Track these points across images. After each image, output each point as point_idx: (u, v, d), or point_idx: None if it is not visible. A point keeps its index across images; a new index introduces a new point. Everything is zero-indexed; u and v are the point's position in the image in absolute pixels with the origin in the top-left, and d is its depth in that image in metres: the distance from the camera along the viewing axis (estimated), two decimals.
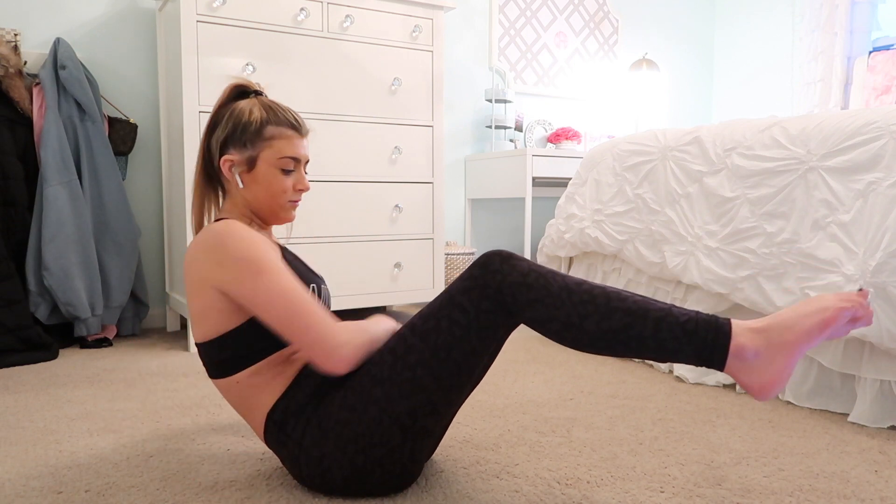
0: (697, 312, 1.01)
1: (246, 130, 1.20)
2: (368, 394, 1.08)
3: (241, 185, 1.21)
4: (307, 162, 1.27)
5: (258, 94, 1.26)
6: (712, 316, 1.01)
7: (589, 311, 1.01)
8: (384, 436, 1.08)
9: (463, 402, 1.24)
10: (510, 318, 1.08)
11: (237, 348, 1.14)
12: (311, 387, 1.13)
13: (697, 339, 0.98)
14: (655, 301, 1.03)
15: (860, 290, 1.03)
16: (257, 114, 1.20)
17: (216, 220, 1.20)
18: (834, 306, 0.98)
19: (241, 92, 1.26)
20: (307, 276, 1.23)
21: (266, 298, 1.06)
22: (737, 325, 1.00)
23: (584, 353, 2.31)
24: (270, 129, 1.20)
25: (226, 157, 1.21)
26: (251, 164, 1.20)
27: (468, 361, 1.08)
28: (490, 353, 1.13)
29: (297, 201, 1.25)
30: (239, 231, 1.11)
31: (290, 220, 1.26)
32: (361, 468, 1.09)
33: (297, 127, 1.22)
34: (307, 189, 1.25)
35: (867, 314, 1.00)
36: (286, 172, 1.21)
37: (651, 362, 2.13)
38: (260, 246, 1.10)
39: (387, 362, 1.09)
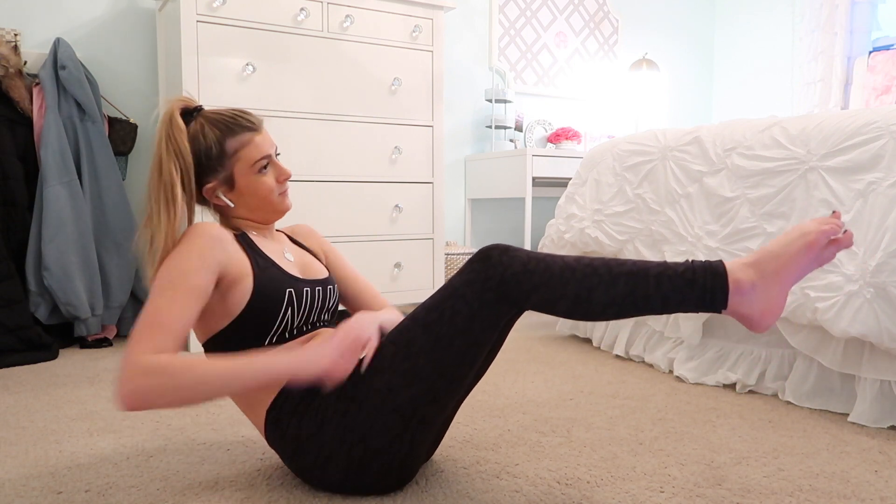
0: (692, 261, 1.06)
1: (209, 156, 1.19)
2: (369, 383, 1.09)
3: (231, 206, 1.23)
4: (276, 149, 1.27)
5: (199, 109, 1.25)
6: (706, 261, 1.06)
7: (594, 283, 1.05)
8: (384, 424, 1.08)
9: (464, 394, 1.24)
10: (513, 308, 1.09)
11: (225, 350, 1.16)
12: (306, 382, 1.13)
13: (698, 285, 1.03)
14: (651, 261, 1.08)
15: (833, 212, 1.10)
16: (211, 135, 1.19)
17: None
18: (815, 229, 1.06)
19: (184, 112, 1.23)
20: (284, 282, 1.19)
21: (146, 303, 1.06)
22: (730, 263, 1.06)
23: (585, 353, 2.31)
24: (231, 143, 1.19)
25: (206, 186, 1.21)
26: (230, 183, 1.21)
27: (470, 351, 1.09)
28: (492, 344, 1.14)
29: (285, 191, 1.27)
30: (192, 236, 1.10)
31: (288, 208, 1.28)
32: (360, 460, 1.10)
33: (251, 127, 1.21)
34: (289, 176, 1.26)
35: (847, 236, 1.07)
36: (264, 173, 1.23)
37: (651, 362, 2.13)
38: (186, 261, 1.07)
39: (388, 352, 1.10)
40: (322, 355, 1.05)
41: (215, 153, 1.19)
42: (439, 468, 1.29)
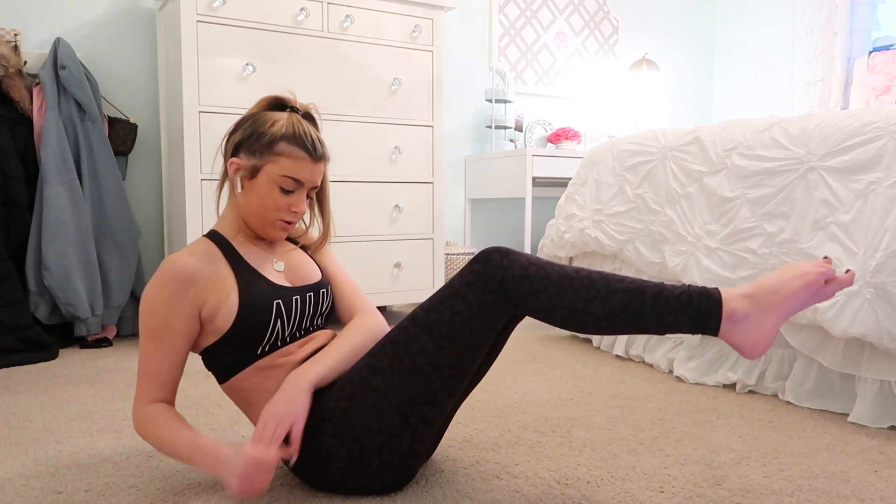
0: (688, 285, 1.07)
1: (260, 139, 1.19)
2: (368, 383, 1.10)
3: (239, 190, 1.22)
4: (315, 189, 1.24)
5: (294, 110, 1.25)
6: (702, 287, 1.07)
7: (591, 295, 1.05)
8: (383, 423, 1.09)
9: (463, 395, 1.24)
10: (512, 310, 1.10)
11: (217, 362, 1.19)
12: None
13: (692, 308, 1.04)
14: (648, 280, 1.09)
15: (825, 257, 1.11)
16: (278, 127, 1.19)
17: (208, 232, 1.24)
18: (814, 271, 1.07)
19: (279, 104, 1.25)
20: (270, 294, 1.18)
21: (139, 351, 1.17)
22: (726, 291, 1.06)
23: (585, 353, 2.31)
24: (282, 146, 1.18)
25: (234, 159, 1.21)
26: (254, 173, 1.20)
27: (469, 352, 1.10)
28: (491, 345, 1.15)
29: (289, 222, 1.22)
30: (162, 278, 1.13)
31: (277, 239, 1.24)
32: (359, 459, 1.10)
33: (310, 150, 1.20)
34: (302, 212, 1.22)
35: (849, 276, 1.08)
36: (285, 192, 1.19)
37: (651, 362, 2.13)
38: (160, 305, 1.12)
39: (387, 352, 1.11)
40: (231, 475, 1.03)
41: (265, 141, 1.18)
42: (439, 468, 1.29)
